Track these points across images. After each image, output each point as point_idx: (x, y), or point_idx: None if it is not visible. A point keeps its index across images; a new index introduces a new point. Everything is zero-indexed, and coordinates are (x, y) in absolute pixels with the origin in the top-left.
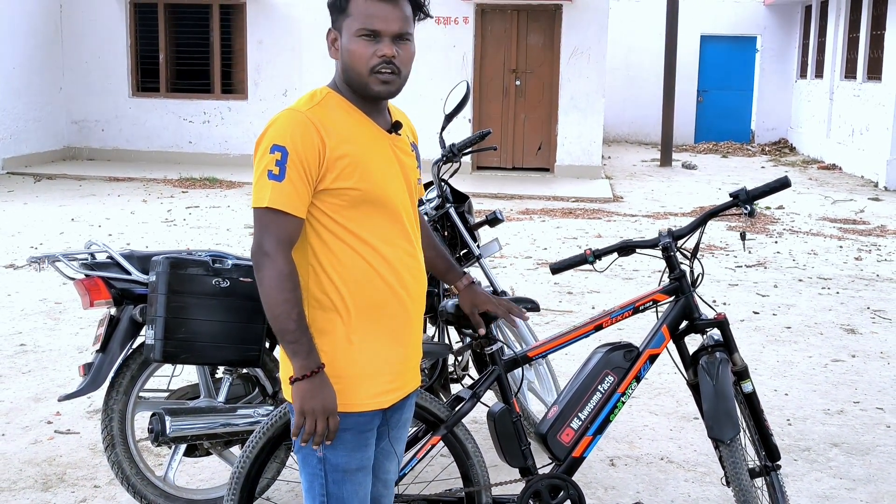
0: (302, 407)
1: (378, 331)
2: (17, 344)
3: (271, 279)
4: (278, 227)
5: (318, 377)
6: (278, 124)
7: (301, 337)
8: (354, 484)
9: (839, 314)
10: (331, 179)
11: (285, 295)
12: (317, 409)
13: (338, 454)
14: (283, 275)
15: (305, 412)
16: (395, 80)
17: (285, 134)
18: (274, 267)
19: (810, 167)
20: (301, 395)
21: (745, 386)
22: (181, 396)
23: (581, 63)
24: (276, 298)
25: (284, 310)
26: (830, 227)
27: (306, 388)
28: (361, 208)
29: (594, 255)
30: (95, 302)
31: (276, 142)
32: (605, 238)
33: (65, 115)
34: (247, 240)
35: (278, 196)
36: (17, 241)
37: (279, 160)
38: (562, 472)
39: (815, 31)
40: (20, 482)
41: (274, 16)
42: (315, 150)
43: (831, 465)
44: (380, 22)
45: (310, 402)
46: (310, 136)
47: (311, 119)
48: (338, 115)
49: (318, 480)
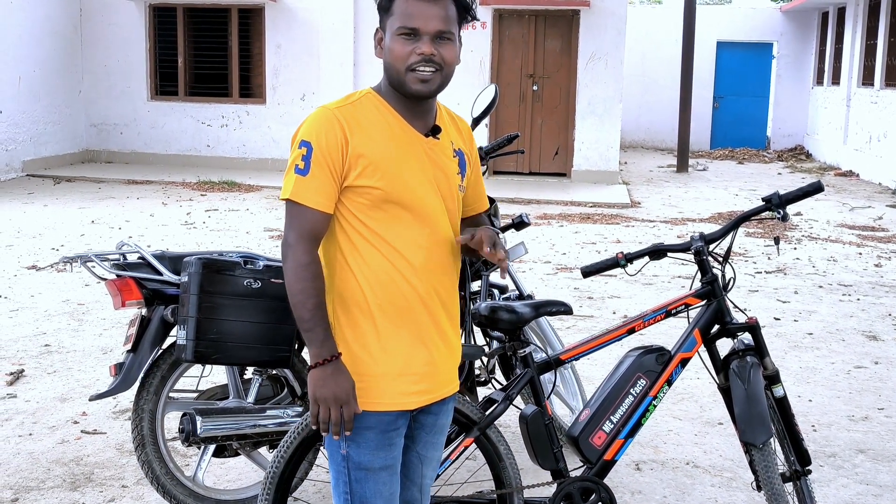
0: (314, 394)
1: (401, 332)
2: (41, 345)
3: (291, 269)
4: (299, 219)
5: (332, 365)
6: (308, 121)
7: (315, 326)
8: (378, 483)
9: (860, 321)
10: (353, 177)
11: (302, 284)
12: (328, 397)
13: (360, 452)
14: (301, 265)
15: (318, 399)
16: (433, 78)
17: (312, 130)
18: (294, 257)
19: (827, 174)
20: (314, 382)
21: (776, 390)
22: (210, 397)
23: (598, 68)
24: (294, 287)
25: (300, 299)
26: (849, 233)
27: (319, 375)
28: (386, 209)
29: (626, 259)
30: (127, 302)
31: (304, 137)
32: (624, 243)
33: (84, 118)
34: (266, 242)
35: (300, 189)
36: (38, 243)
37: (305, 155)
38: (593, 475)
39: (832, 38)
40: (48, 481)
41: (292, 20)
42: (338, 147)
43: (857, 471)
44: (419, 20)
45: (322, 389)
46: (334, 132)
47: (338, 116)
48: (371, 115)
49: (342, 477)
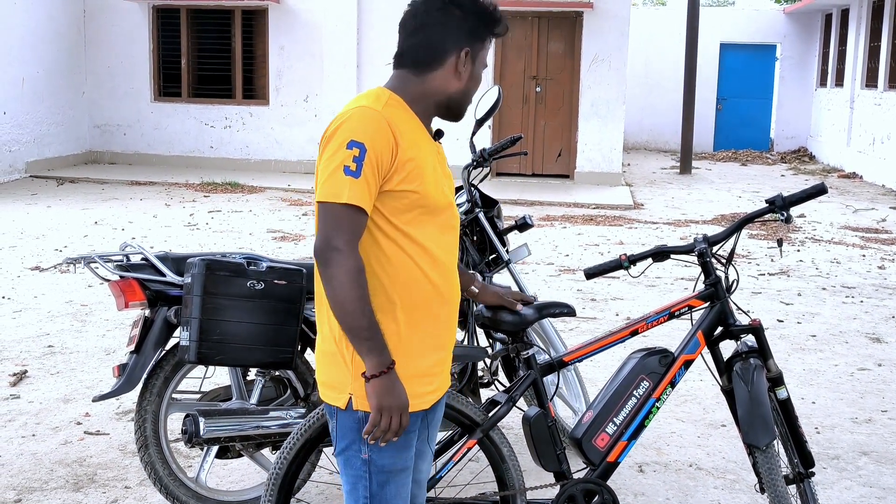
0: (380, 404)
1: (424, 333)
2: (45, 345)
3: (344, 275)
4: (352, 223)
5: (393, 373)
6: (355, 120)
7: (375, 334)
8: (398, 485)
9: (864, 323)
10: (397, 181)
11: (359, 291)
12: (393, 406)
13: (384, 455)
14: (356, 270)
15: (383, 409)
16: None
17: (364, 130)
18: (346, 263)
19: (830, 176)
20: (378, 392)
21: (779, 392)
22: (213, 398)
23: (601, 70)
24: (350, 295)
25: (358, 306)
26: (852, 235)
27: (384, 384)
28: (415, 212)
29: (629, 261)
30: (130, 303)
31: (355, 138)
32: (627, 245)
33: (87, 119)
34: (269, 244)
35: (356, 192)
36: (41, 244)
37: (357, 156)
38: (596, 477)
39: (836, 40)
40: (51, 482)
41: (296, 22)
42: (389, 150)
43: (861, 473)
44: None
45: (387, 398)
46: (386, 135)
47: (387, 118)
48: (404, 118)
49: (362, 482)
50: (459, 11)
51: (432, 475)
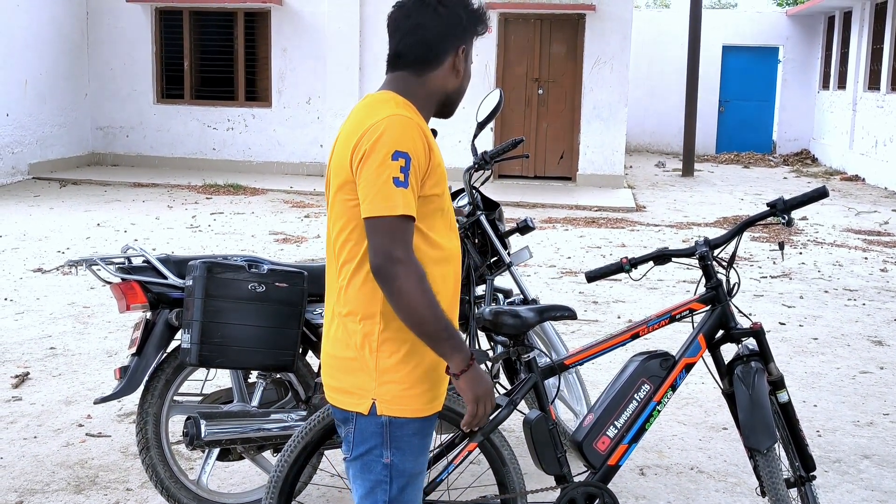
0: (476, 394)
1: None
2: (46, 347)
3: (414, 283)
4: (407, 232)
5: (476, 364)
6: (395, 130)
7: (454, 332)
8: (416, 488)
9: (866, 326)
10: (429, 186)
11: (429, 296)
12: (486, 394)
13: (405, 459)
14: (423, 277)
15: (479, 398)
16: None
17: (406, 140)
18: (413, 272)
19: (833, 178)
20: (471, 384)
21: (780, 396)
22: (215, 401)
23: (604, 72)
24: (424, 302)
25: (433, 311)
26: (854, 238)
27: (473, 376)
28: (436, 215)
29: (630, 264)
30: (132, 305)
31: (399, 148)
32: (629, 248)
33: (90, 121)
34: (272, 246)
35: (409, 203)
36: (44, 246)
37: (403, 167)
38: (597, 480)
39: (838, 42)
40: (53, 484)
41: (298, 24)
42: (426, 157)
43: (863, 476)
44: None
45: (479, 387)
46: (423, 143)
47: (420, 126)
48: (423, 122)
49: (381, 487)
50: (452, 10)
51: (433, 478)
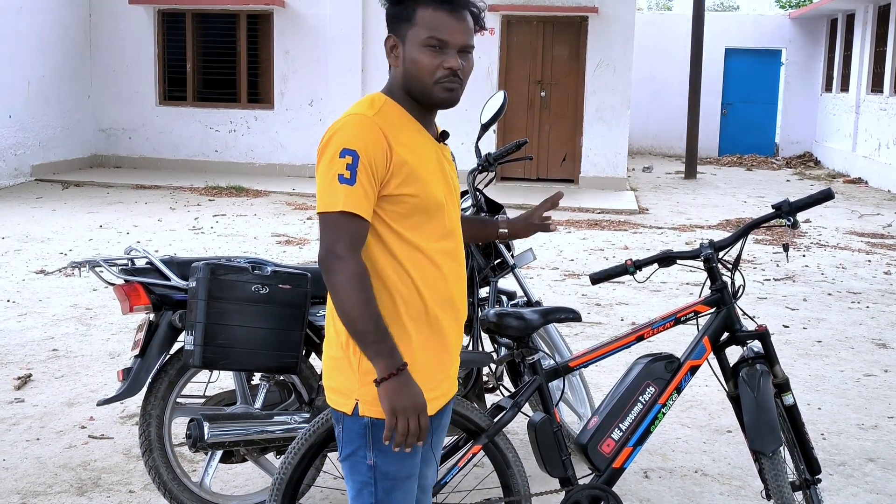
0: (393, 406)
1: (429, 338)
2: (49, 349)
3: (347, 281)
4: (350, 230)
5: (405, 375)
6: (347, 129)
7: (383, 336)
8: (403, 492)
9: (870, 328)
10: (394, 185)
11: (362, 295)
12: (408, 407)
13: (389, 462)
14: (359, 275)
15: (397, 411)
16: (458, 90)
17: (356, 138)
18: (348, 268)
19: (836, 181)
20: (391, 394)
21: (785, 398)
22: (218, 403)
23: (606, 75)
24: (354, 300)
25: (363, 311)
26: (858, 241)
27: (395, 386)
28: (417, 216)
29: (635, 266)
30: (135, 307)
31: (347, 146)
32: (632, 250)
33: (92, 122)
34: (274, 248)
35: (351, 199)
36: (46, 248)
37: (350, 164)
38: (602, 483)
39: (841, 45)
40: (55, 486)
41: (301, 26)
42: (384, 155)
43: (868, 479)
44: (448, 34)
45: (400, 400)
46: (379, 140)
47: (379, 124)
48: (399, 121)
49: (367, 489)
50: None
51: (437, 480)
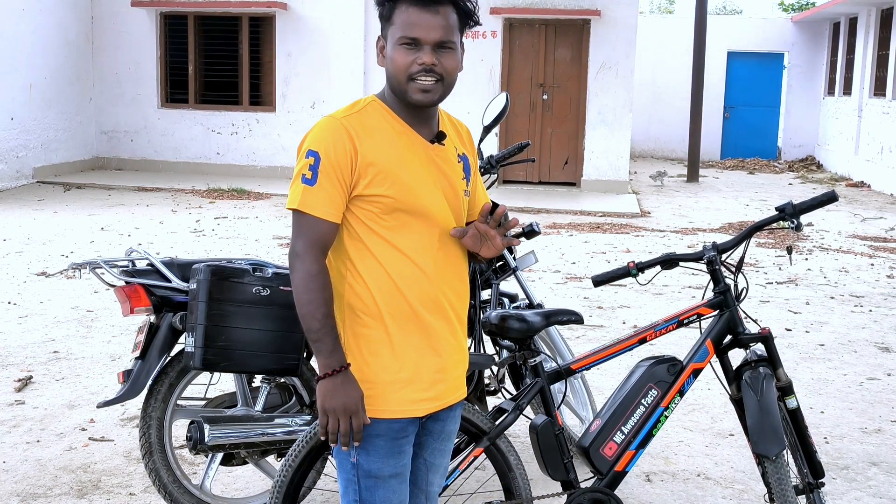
0: (323, 405)
1: (413, 339)
2: (50, 351)
3: (300, 279)
4: (308, 229)
5: (341, 376)
6: (315, 131)
7: (324, 336)
8: (387, 491)
9: (873, 332)
10: (363, 186)
11: (311, 295)
12: (337, 408)
13: (370, 460)
14: (311, 275)
15: (327, 410)
16: (435, 88)
17: (320, 140)
18: (302, 267)
19: (838, 185)
20: (323, 393)
21: (789, 402)
22: (218, 405)
23: (609, 78)
24: (303, 297)
25: (309, 309)
26: (860, 244)
27: (328, 386)
28: (396, 216)
29: (637, 268)
30: (135, 309)
31: (311, 147)
32: (634, 253)
33: (94, 125)
34: (276, 250)
35: (308, 199)
36: (48, 250)
37: (312, 165)
38: (604, 486)
39: (844, 48)
40: (55, 489)
41: (303, 29)
42: (347, 156)
43: (871, 483)
44: (420, 30)
45: (331, 400)
46: (342, 142)
47: (346, 126)
48: (377, 123)
49: (352, 486)
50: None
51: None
